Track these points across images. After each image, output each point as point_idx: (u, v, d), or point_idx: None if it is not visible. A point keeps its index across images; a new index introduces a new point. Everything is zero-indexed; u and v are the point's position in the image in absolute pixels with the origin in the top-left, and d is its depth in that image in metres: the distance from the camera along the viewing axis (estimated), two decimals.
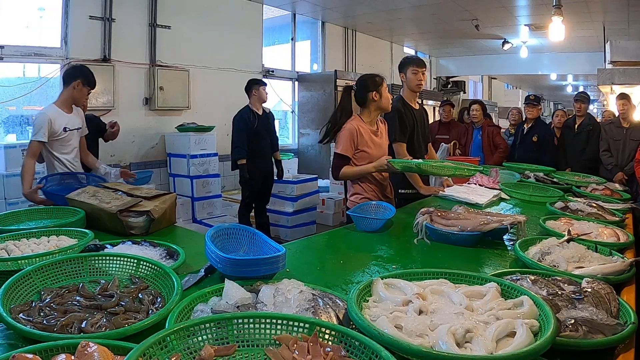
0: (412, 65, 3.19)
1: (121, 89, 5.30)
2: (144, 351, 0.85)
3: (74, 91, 3.11)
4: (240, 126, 4.76)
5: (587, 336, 1.10)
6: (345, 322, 1.13)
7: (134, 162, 5.52)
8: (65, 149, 3.14)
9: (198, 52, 6.07)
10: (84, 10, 4.97)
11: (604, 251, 1.75)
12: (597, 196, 3.11)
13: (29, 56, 4.71)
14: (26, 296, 1.27)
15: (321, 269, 1.71)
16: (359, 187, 2.88)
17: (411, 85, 3.22)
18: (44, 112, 3.04)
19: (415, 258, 1.88)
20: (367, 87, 2.87)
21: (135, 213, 2.12)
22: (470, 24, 8.11)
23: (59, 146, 3.10)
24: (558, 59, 10.64)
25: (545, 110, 17.83)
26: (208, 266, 1.56)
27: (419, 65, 3.20)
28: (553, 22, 6.20)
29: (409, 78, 3.21)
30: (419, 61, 3.24)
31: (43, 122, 2.97)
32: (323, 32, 8.43)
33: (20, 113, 4.97)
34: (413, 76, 3.18)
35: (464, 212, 2.31)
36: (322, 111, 7.53)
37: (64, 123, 3.08)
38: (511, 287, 1.26)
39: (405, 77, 3.23)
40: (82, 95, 3.17)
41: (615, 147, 4.92)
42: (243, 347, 0.99)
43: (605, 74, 6.42)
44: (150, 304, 1.23)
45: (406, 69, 3.21)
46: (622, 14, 7.09)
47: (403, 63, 3.26)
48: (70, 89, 3.10)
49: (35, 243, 1.74)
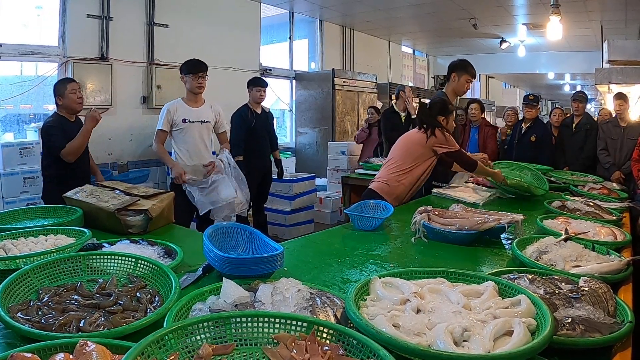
0: (469, 75, 3.42)
1: (119, 88, 5.30)
2: (142, 350, 0.85)
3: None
4: (238, 124, 4.76)
5: (584, 335, 1.10)
6: (343, 320, 1.13)
7: (132, 161, 5.51)
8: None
9: (196, 50, 6.01)
10: (82, 9, 4.96)
11: (601, 250, 1.75)
12: (595, 195, 3.12)
13: (26, 55, 4.70)
14: (24, 295, 1.27)
15: (319, 268, 1.71)
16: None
17: (459, 89, 3.47)
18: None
19: (412, 257, 1.88)
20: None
21: (133, 212, 2.12)
22: (468, 22, 8.13)
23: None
24: (556, 58, 10.66)
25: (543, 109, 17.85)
26: (206, 265, 1.56)
27: (474, 77, 3.50)
28: (551, 21, 6.21)
29: (460, 83, 3.43)
30: (474, 73, 3.50)
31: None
32: (321, 31, 8.43)
33: (18, 112, 4.96)
34: (465, 84, 3.45)
35: (461, 211, 2.31)
36: (320, 110, 7.54)
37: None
38: (508, 286, 1.26)
39: (457, 79, 3.43)
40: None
41: (613, 146, 4.92)
42: (241, 346, 0.99)
43: (603, 73, 6.42)
44: (148, 303, 1.23)
45: (462, 75, 3.41)
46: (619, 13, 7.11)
47: (462, 66, 3.43)
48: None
49: (33, 242, 1.73)
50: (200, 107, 3.63)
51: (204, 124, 3.62)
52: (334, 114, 7.43)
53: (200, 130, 3.61)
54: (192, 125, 3.57)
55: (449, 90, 3.48)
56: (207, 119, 3.64)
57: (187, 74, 3.54)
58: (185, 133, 3.56)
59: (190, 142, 3.57)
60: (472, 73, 3.45)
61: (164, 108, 3.57)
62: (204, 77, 3.56)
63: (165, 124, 3.52)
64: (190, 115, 3.56)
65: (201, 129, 3.61)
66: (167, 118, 3.52)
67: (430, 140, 2.98)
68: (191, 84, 3.54)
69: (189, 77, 3.53)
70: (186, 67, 3.56)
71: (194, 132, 3.58)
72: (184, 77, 3.57)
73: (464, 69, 3.41)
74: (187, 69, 3.55)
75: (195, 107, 3.60)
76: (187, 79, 3.55)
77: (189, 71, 3.53)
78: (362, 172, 5.31)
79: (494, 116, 11.95)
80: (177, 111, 3.54)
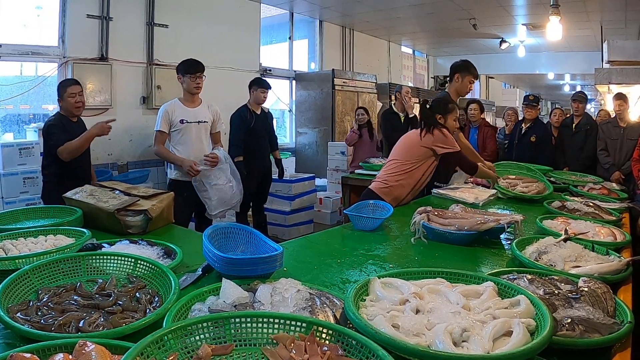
0: (472, 76, 3.44)
1: (118, 88, 5.30)
2: (142, 350, 0.85)
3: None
4: (237, 124, 4.77)
5: (583, 335, 1.10)
6: (342, 321, 1.13)
7: (131, 161, 5.52)
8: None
9: (195, 51, 6.01)
10: (82, 9, 4.96)
11: (600, 250, 1.75)
12: (594, 195, 3.12)
13: (26, 55, 4.70)
14: (24, 295, 1.27)
15: (318, 268, 1.71)
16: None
17: (462, 90, 3.47)
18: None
19: (412, 257, 1.88)
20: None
21: (133, 212, 2.12)
22: (468, 23, 8.13)
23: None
24: (555, 58, 10.66)
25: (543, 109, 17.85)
26: (205, 265, 1.56)
27: (477, 78, 3.54)
28: (550, 22, 6.21)
29: (463, 84, 3.43)
30: (477, 74, 3.53)
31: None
32: (321, 31, 8.43)
33: (18, 112, 4.96)
34: (468, 84, 3.45)
35: (461, 211, 2.31)
36: (320, 110, 7.53)
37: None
38: (508, 287, 1.26)
39: (460, 80, 3.43)
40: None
41: (613, 147, 4.93)
42: (240, 346, 0.99)
43: (603, 73, 6.43)
44: (148, 303, 1.23)
45: (465, 75, 3.42)
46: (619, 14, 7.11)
47: (465, 67, 3.44)
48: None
49: (33, 242, 1.73)
50: (198, 107, 3.61)
51: (201, 124, 3.61)
52: (334, 114, 7.44)
53: (198, 130, 3.59)
54: (190, 126, 3.55)
55: (451, 91, 3.49)
56: (205, 119, 3.63)
57: (184, 74, 3.52)
58: (184, 134, 3.54)
59: (188, 142, 3.55)
60: (475, 74, 3.46)
61: (162, 109, 3.56)
62: (202, 78, 3.54)
63: (164, 125, 3.51)
64: (188, 116, 3.54)
65: (199, 129, 3.60)
66: (165, 119, 3.51)
67: (426, 139, 2.97)
68: (189, 84, 3.51)
69: (186, 77, 3.51)
70: (183, 67, 3.54)
71: (191, 133, 3.56)
72: (181, 77, 3.54)
73: (467, 69, 3.42)
74: (184, 69, 3.53)
75: (192, 107, 3.58)
76: (184, 79, 3.52)
77: (187, 71, 3.51)
78: (361, 173, 5.31)
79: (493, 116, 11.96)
80: (174, 112, 3.52)
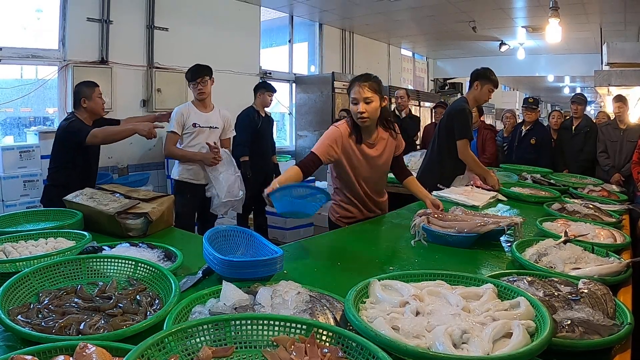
0: (492, 85, 3.45)
1: (119, 91, 5.29)
2: (142, 353, 0.86)
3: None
4: (244, 124, 4.80)
5: (583, 337, 1.10)
6: (342, 323, 1.13)
7: (132, 164, 5.51)
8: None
9: (195, 54, 6.01)
10: (82, 12, 4.96)
11: (600, 252, 1.75)
12: (594, 197, 3.13)
13: (26, 58, 4.70)
14: (24, 298, 1.27)
15: (318, 271, 1.71)
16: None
17: (481, 98, 3.51)
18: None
19: (412, 259, 1.88)
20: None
21: (133, 215, 2.12)
22: (467, 25, 8.13)
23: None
24: (555, 60, 10.67)
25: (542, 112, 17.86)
26: (206, 268, 1.57)
27: (496, 87, 3.52)
28: (550, 24, 6.22)
29: (483, 92, 3.45)
30: (497, 83, 3.53)
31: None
32: (320, 34, 8.43)
33: (18, 115, 4.96)
34: (488, 93, 3.47)
35: (461, 213, 2.32)
36: (320, 113, 7.53)
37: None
38: (508, 289, 1.26)
39: (479, 88, 3.44)
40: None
41: (612, 149, 4.93)
42: (241, 349, 1.00)
43: (602, 75, 6.44)
44: (148, 306, 1.23)
45: (485, 84, 3.43)
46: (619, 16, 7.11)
47: (485, 75, 3.44)
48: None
49: (33, 245, 1.74)
50: (210, 112, 3.63)
51: (212, 129, 3.61)
52: (334, 117, 7.44)
53: (209, 136, 3.59)
54: (202, 131, 3.56)
55: (469, 98, 3.50)
56: (216, 125, 3.64)
57: (188, 82, 3.58)
58: (194, 138, 3.54)
59: (198, 147, 3.55)
60: (495, 82, 3.47)
61: (175, 110, 3.56)
62: (204, 83, 3.54)
63: (177, 127, 3.50)
64: (200, 120, 3.55)
65: (210, 135, 3.59)
66: (178, 120, 3.50)
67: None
68: (193, 91, 3.57)
69: (190, 85, 3.56)
70: (187, 75, 3.60)
71: (202, 138, 3.56)
72: (189, 84, 3.61)
73: (487, 78, 3.42)
74: (187, 77, 3.59)
75: (205, 112, 3.60)
76: (190, 86, 3.59)
77: (188, 79, 3.58)
78: None
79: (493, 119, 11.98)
80: (189, 115, 3.53)
